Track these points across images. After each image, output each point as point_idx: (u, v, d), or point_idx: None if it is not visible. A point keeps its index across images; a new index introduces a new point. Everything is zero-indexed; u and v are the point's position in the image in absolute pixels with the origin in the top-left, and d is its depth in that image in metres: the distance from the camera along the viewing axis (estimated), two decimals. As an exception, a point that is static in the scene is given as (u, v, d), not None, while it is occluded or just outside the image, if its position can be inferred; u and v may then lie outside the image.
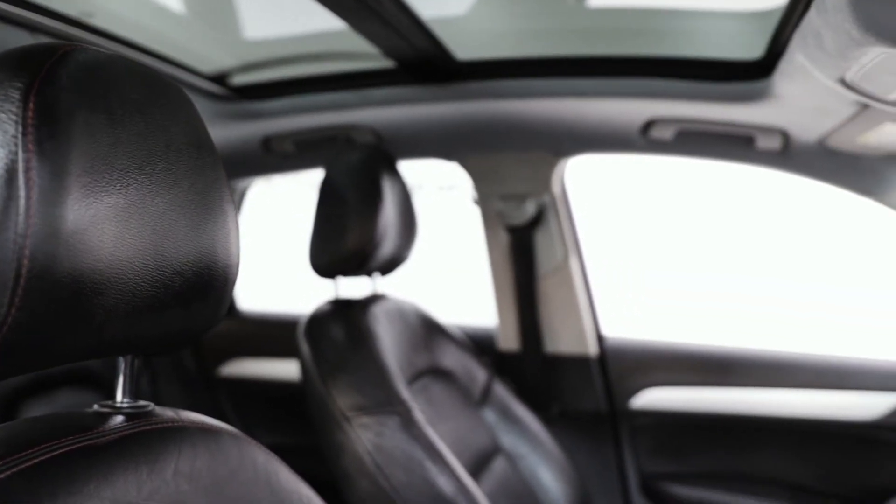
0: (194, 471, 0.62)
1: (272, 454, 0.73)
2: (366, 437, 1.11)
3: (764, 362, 1.77)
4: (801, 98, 1.21)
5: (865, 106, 1.07)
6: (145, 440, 0.59)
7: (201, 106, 1.52)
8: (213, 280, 0.62)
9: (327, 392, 1.16)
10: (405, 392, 1.19)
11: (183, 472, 0.60)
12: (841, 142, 1.40)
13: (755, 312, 4.59)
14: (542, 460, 1.51)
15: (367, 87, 1.54)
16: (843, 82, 0.94)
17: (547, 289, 1.79)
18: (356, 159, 1.38)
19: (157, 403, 0.65)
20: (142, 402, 0.64)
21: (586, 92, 1.42)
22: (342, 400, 1.15)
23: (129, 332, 0.57)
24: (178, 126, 0.59)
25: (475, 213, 1.83)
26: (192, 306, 0.61)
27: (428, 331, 1.49)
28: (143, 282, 0.55)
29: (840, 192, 1.54)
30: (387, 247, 1.35)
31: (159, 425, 0.62)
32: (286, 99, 1.61)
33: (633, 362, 1.82)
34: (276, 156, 1.80)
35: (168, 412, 0.65)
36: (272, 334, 2.09)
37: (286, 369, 2.01)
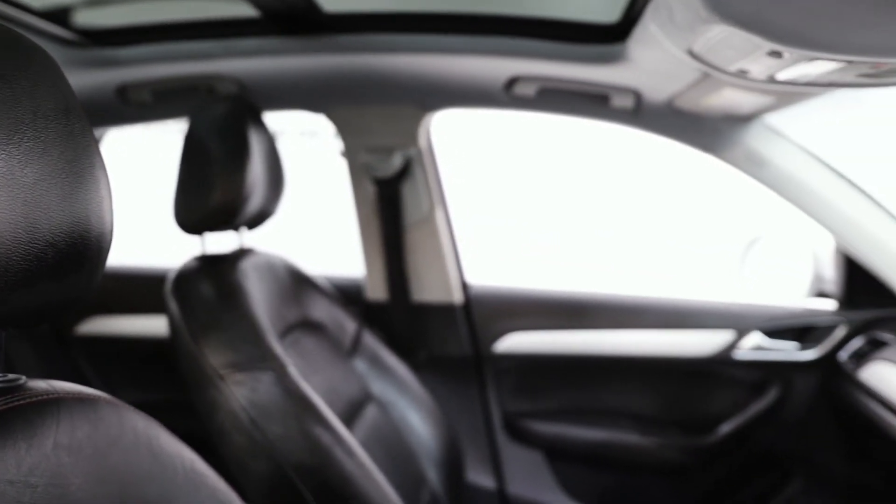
0: (74, 442, 0.61)
1: (151, 419, 0.73)
2: (240, 393, 1.12)
3: (614, 306, 1.90)
4: (652, 63, 1.30)
5: (708, 73, 1.16)
6: (21, 415, 0.58)
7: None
8: (88, 250, 0.60)
9: (199, 350, 1.15)
10: (278, 347, 1.20)
11: (63, 445, 0.60)
12: (686, 103, 1.51)
13: (608, 259, 4.87)
14: (411, 405, 1.56)
15: (231, 36, 1.50)
16: (691, 53, 1.02)
17: (413, 240, 1.84)
18: (221, 111, 1.34)
19: (8, 368, 0.63)
20: (12, 376, 0.63)
21: (452, 48, 1.44)
22: (215, 358, 1.14)
23: (0, 308, 0.56)
24: (45, 92, 0.57)
25: (340, 163, 1.83)
26: (66, 278, 0.59)
27: (297, 284, 1.49)
28: (15, 255, 0.54)
29: (686, 149, 1.66)
30: (255, 201, 1.33)
31: (34, 399, 0.61)
32: (144, 46, 1.54)
33: (496, 309, 1.90)
34: (133, 106, 1.72)
35: (41, 384, 0.64)
36: (131, 290, 2.02)
37: (148, 325, 1.96)
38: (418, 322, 1.87)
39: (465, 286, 1.91)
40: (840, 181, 1.69)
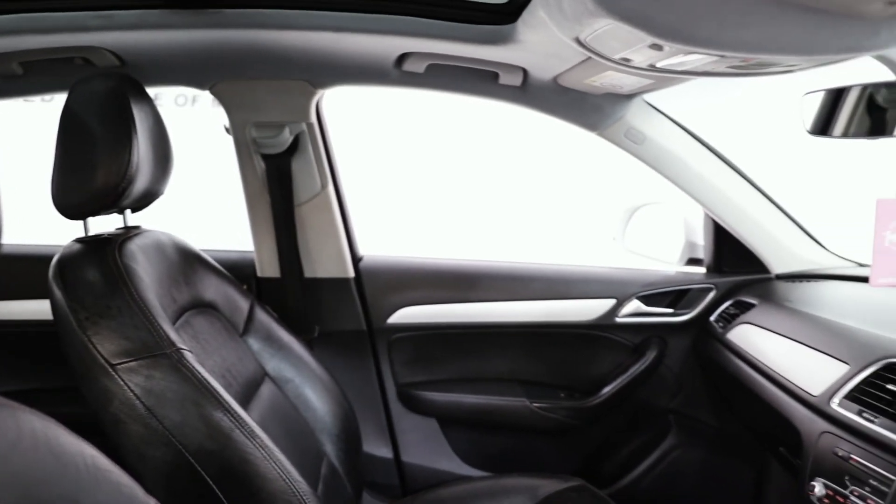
0: None
1: (48, 419, 0.71)
2: (134, 381, 1.09)
3: (502, 276, 1.96)
4: (539, 45, 1.33)
5: (593, 58, 1.21)
6: None
7: None
8: None
9: (87, 339, 1.11)
10: (171, 332, 1.17)
11: None
12: (570, 81, 1.56)
13: (496, 231, 4.97)
14: (307, 381, 1.57)
15: (109, 7, 1.42)
16: (577, 40, 1.06)
17: (305, 216, 1.83)
18: (102, 86, 1.27)
19: None
20: None
21: (342, 25, 1.43)
22: (105, 346, 1.11)
23: None
24: None
25: (224, 136, 1.78)
26: None
27: (187, 263, 1.45)
28: None
29: (570, 127, 1.72)
30: (141, 182, 1.28)
31: None
32: (12, 15, 1.43)
33: (388, 282, 1.93)
34: (1, 78, 1.61)
35: None
36: (11, 272, 1.90)
37: (27, 309, 1.86)
38: (311, 298, 1.87)
39: (357, 261, 1.92)
40: (711, 156, 1.81)
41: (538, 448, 2.04)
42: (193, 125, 4.62)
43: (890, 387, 1.20)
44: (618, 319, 1.96)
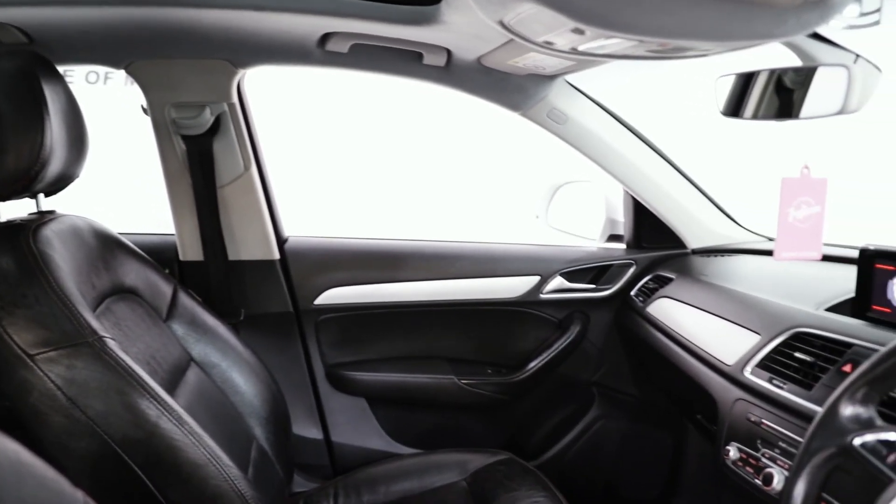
0: None
1: None
2: (55, 372, 1.06)
3: (429, 255, 1.97)
4: (463, 26, 1.34)
5: (516, 41, 1.23)
6: None
7: None
8: None
9: (3, 330, 1.08)
10: (92, 319, 1.14)
11: None
12: (494, 62, 1.58)
13: (422, 210, 4.98)
14: (234, 365, 1.55)
15: None
16: (501, 23, 1.07)
17: (228, 198, 1.79)
18: (9, 64, 1.21)
19: None
20: None
21: (264, 4, 1.40)
22: (22, 337, 1.07)
23: None
24: None
25: (141, 116, 1.73)
26: None
27: (106, 248, 1.40)
28: None
29: (494, 107, 1.74)
30: (54, 165, 1.23)
31: None
32: None
33: (314, 263, 1.91)
34: None
35: None
36: None
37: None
38: (236, 281, 1.84)
39: (282, 242, 1.90)
40: (630, 136, 1.85)
41: (467, 424, 2.08)
42: (107, 104, 4.45)
43: (797, 355, 1.27)
44: (542, 296, 2.00)
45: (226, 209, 1.80)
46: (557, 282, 2.00)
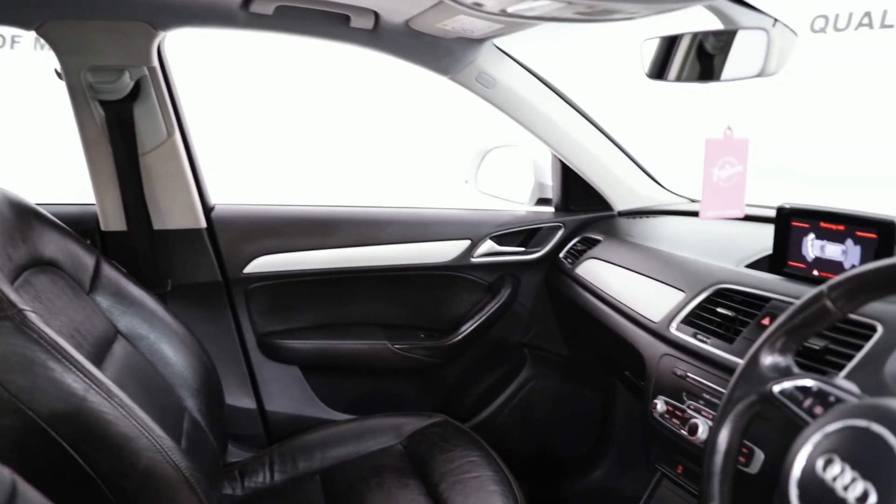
0: None
1: None
2: None
3: (359, 220, 1.96)
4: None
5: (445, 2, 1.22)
6: None
7: None
8: None
9: None
10: (10, 292, 1.10)
11: None
12: (422, 25, 1.56)
13: (351, 176, 4.92)
14: (162, 337, 1.51)
15: None
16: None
17: (150, 165, 1.74)
18: None
19: None
20: None
21: None
22: None
23: None
24: None
25: (55, 81, 1.66)
26: None
27: (22, 219, 1.35)
28: None
29: (422, 71, 1.73)
30: None
31: None
32: None
33: (242, 231, 1.88)
34: None
35: None
36: None
37: None
38: (162, 250, 1.79)
39: (208, 210, 1.86)
40: (557, 99, 1.87)
41: (401, 388, 2.09)
42: (15, 70, 4.24)
43: (720, 310, 1.32)
44: (473, 260, 2.02)
45: (149, 177, 1.74)
46: (487, 245, 2.02)
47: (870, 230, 1.17)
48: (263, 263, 1.89)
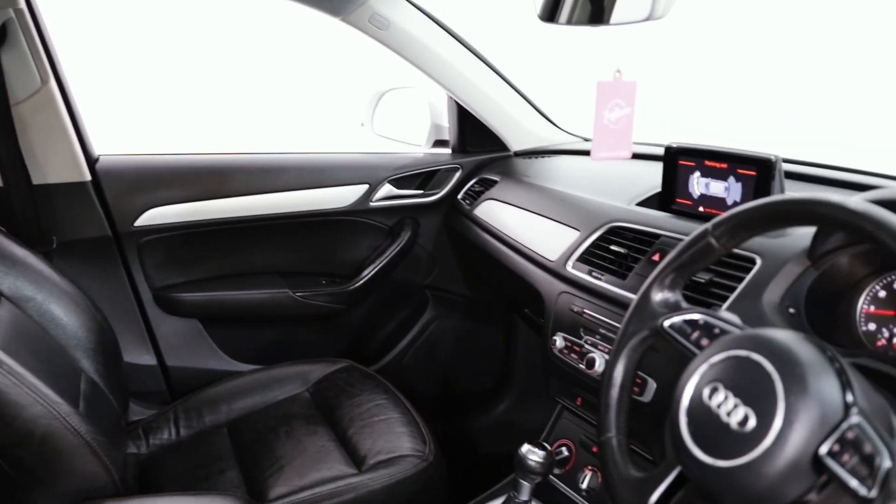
0: None
1: None
2: None
3: (253, 168, 1.91)
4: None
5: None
6: None
7: None
8: None
9: None
10: None
11: None
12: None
13: (245, 121, 4.75)
14: (51, 297, 1.45)
15: None
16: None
17: (25, 116, 1.63)
18: None
19: None
20: None
21: None
22: None
23: None
24: None
25: None
26: None
27: None
28: None
29: (313, 12, 1.68)
30: None
31: None
32: None
33: (131, 183, 1.80)
34: None
35: None
36: None
37: None
38: (44, 206, 1.70)
39: (92, 162, 1.77)
40: (452, 41, 1.86)
41: (305, 335, 2.09)
42: None
43: (613, 247, 1.38)
44: (371, 204, 2.01)
45: (24, 128, 1.64)
46: (386, 189, 2.01)
47: (750, 167, 1.23)
48: (155, 216, 1.82)
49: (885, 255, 0.66)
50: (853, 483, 0.61)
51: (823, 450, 0.63)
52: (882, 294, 0.97)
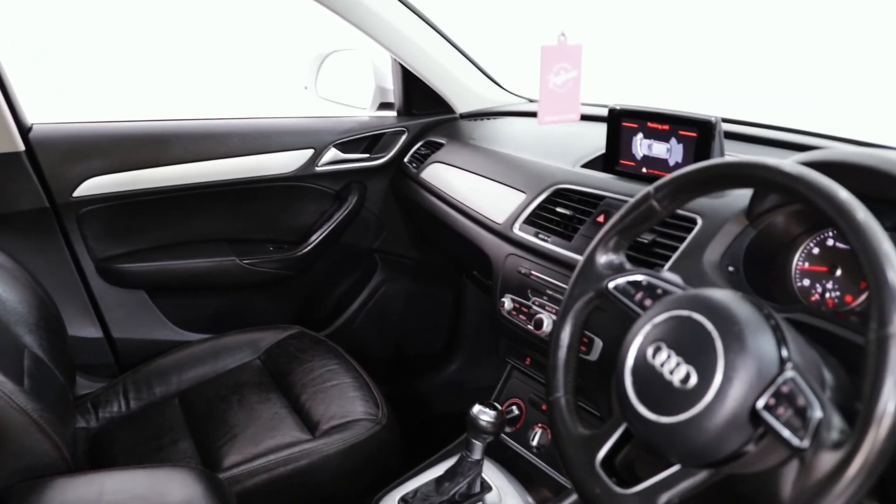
0: None
1: None
2: None
3: (195, 134, 1.87)
4: None
5: None
6: None
7: None
8: None
9: None
10: None
11: None
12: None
13: (183, 89, 4.60)
14: None
15: None
16: None
17: None
18: None
19: None
20: None
21: None
22: None
23: None
24: None
25: None
26: None
27: None
28: None
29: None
30: None
31: None
32: None
33: (69, 152, 1.75)
34: None
35: None
36: None
37: None
38: None
39: (25, 132, 1.71)
40: (395, 2, 1.84)
41: (254, 303, 2.07)
42: None
43: (559, 209, 1.39)
44: (317, 168, 1.99)
45: None
46: (332, 153, 2.00)
47: (691, 129, 1.25)
48: (95, 185, 1.78)
49: (817, 214, 0.69)
50: (787, 434, 0.65)
51: (760, 403, 0.66)
52: (816, 251, 1.01)
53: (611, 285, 0.90)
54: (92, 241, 1.83)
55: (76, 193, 1.76)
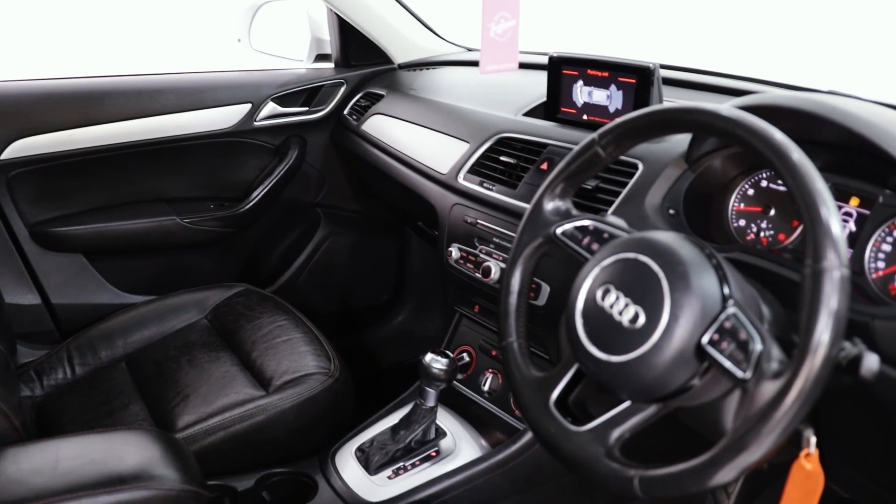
0: None
1: None
2: None
3: (129, 90, 1.81)
4: None
5: None
6: None
7: None
8: None
9: None
10: None
11: None
12: None
13: (116, 42, 4.40)
14: None
15: None
16: None
17: None
18: None
19: None
20: None
21: None
22: None
23: None
24: None
25: None
26: None
27: None
28: None
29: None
30: None
31: None
32: None
33: None
34: None
35: None
36: None
37: None
38: None
39: None
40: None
41: (198, 262, 2.05)
42: None
43: (502, 158, 1.41)
44: (256, 123, 1.96)
45: None
46: (270, 108, 1.96)
47: (630, 76, 1.27)
48: (25, 146, 1.71)
49: (752, 156, 0.72)
50: (730, 366, 0.68)
51: (705, 339, 0.70)
52: (750, 192, 1.05)
53: (559, 231, 0.92)
54: (24, 205, 1.77)
55: (4, 155, 1.69)
